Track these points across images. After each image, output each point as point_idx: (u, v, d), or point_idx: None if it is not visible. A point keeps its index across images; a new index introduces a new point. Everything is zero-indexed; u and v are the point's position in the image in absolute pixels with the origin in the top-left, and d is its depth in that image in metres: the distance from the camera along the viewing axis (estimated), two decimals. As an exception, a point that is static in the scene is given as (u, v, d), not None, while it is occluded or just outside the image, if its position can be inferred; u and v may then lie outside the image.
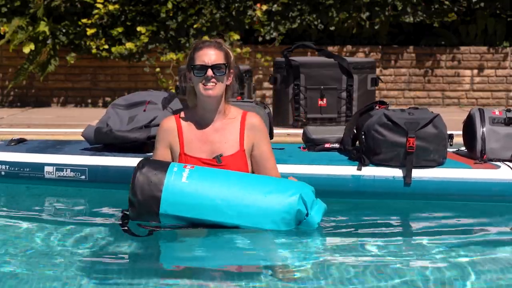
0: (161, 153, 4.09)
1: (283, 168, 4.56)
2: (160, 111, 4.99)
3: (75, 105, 10.36)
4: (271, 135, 5.06)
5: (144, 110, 5.04)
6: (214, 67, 3.99)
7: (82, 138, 5.11)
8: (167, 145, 4.09)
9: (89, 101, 10.39)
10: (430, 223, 4.44)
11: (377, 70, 9.84)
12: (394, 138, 4.57)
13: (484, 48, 10.34)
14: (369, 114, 4.78)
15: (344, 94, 7.64)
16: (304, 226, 3.82)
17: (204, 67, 3.99)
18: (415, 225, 4.47)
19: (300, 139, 5.54)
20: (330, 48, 10.10)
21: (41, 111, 9.71)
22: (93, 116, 9.03)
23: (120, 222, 3.89)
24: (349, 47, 10.31)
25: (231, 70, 4.09)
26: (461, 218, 4.55)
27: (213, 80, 3.99)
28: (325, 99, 7.65)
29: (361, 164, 4.63)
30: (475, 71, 10.34)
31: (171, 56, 9.81)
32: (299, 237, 3.81)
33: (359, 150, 4.69)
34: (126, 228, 3.83)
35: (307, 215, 3.79)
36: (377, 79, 7.81)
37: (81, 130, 7.53)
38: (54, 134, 7.16)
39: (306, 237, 3.83)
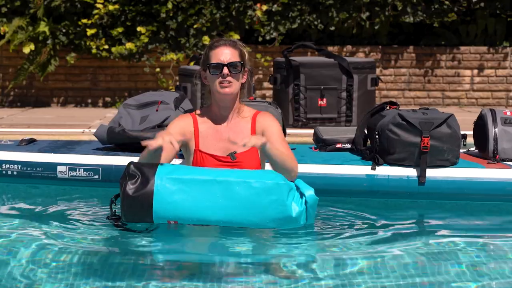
0: (173, 135, 4.01)
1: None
2: (173, 111, 5.00)
3: (75, 105, 10.36)
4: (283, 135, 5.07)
5: (157, 110, 5.05)
6: (230, 65, 4.01)
7: (92, 138, 5.12)
8: (182, 132, 4.06)
9: (89, 101, 10.39)
10: (439, 223, 4.46)
11: (377, 70, 9.85)
12: (408, 138, 4.60)
13: (484, 48, 10.34)
14: (380, 114, 4.81)
15: (344, 94, 7.64)
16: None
17: (220, 65, 4.01)
18: (425, 225, 4.48)
19: (300, 139, 5.56)
20: (330, 48, 10.11)
21: (41, 111, 9.71)
22: (93, 116, 9.03)
23: (114, 220, 3.90)
24: (349, 47, 10.31)
25: (246, 69, 4.11)
26: (471, 218, 4.58)
27: (229, 78, 4.01)
28: (325, 99, 7.65)
29: (375, 163, 4.65)
30: (475, 71, 10.34)
31: (171, 56, 9.82)
32: (301, 236, 3.81)
33: (373, 150, 4.71)
34: (120, 224, 3.85)
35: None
36: (377, 79, 7.81)
37: (81, 130, 7.55)
38: (54, 134, 7.17)
39: (311, 237, 3.83)
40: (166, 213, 3.70)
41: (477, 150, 5.11)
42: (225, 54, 4.03)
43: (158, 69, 10.04)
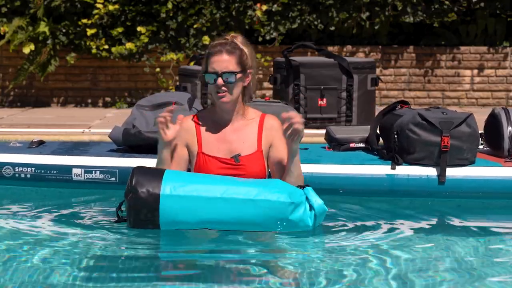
0: (178, 153, 4.05)
1: (315, 168, 4.64)
2: (187, 111, 4.94)
3: (75, 105, 10.36)
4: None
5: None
6: (224, 75, 3.96)
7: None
8: (184, 143, 4.06)
9: (89, 101, 10.39)
10: (458, 222, 4.47)
11: (377, 70, 9.84)
12: (428, 137, 4.61)
13: (484, 48, 10.34)
14: (393, 114, 4.83)
15: (344, 94, 7.64)
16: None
17: (214, 76, 3.97)
18: (444, 224, 4.49)
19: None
20: (330, 48, 10.10)
21: (41, 111, 9.71)
22: (93, 116, 9.03)
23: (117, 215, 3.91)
24: (349, 47, 10.31)
25: (249, 71, 4.07)
26: (491, 216, 4.61)
27: (224, 88, 3.97)
28: (325, 99, 7.64)
29: (395, 163, 4.66)
30: (475, 71, 10.34)
31: (171, 56, 9.81)
32: (308, 237, 3.81)
33: (391, 149, 4.71)
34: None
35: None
36: (377, 79, 7.80)
37: (81, 130, 7.55)
38: (55, 134, 7.17)
39: (314, 237, 3.84)
40: (172, 226, 3.77)
41: (487, 148, 5.12)
42: (219, 62, 3.97)
43: (158, 69, 10.04)
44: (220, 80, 3.96)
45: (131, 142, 4.92)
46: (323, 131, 5.36)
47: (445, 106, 10.27)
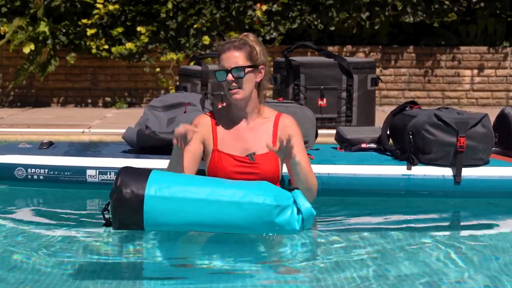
0: (194, 147, 4.01)
1: (331, 169, 4.66)
2: (201, 112, 4.91)
3: (75, 105, 10.37)
4: (316, 135, 5.06)
5: (185, 112, 4.98)
6: (233, 71, 3.97)
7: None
8: (201, 139, 4.03)
9: (89, 101, 10.39)
10: (472, 221, 4.50)
11: (377, 70, 9.85)
12: (445, 138, 4.63)
13: (484, 48, 10.34)
14: (404, 114, 4.84)
15: (344, 94, 7.63)
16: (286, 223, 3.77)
17: (224, 72, 3.97)
18: (459, 223, 4.51)
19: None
20: (330, 48, 10.11)
21: (41, 111, 9.71)
22: (93, 116, 9.04)
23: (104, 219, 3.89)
24: (349, 47, 10.31)
25: (261, 66, 4.06)
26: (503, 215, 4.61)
27: (234, 84, 3.97)
28: (325, 99, 7.64)
29: (410, 163, 4.67)
30: (475, 71, 10.35)
31: (171, 56, 9.82)
32: (303, 239, 3.81)
33: (406, 149, 4.72)
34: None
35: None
36: (377, 79, 7.80)
37: (81, 130, 7.56)
38: (55, 134, 7.17)
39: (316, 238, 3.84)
40: (157, 228, 3.71)
41: (496, 148, 5.11)
42: (228, 59, 3.98)
43: (158, 69, 10.05)
44: (230, 76, 3.96)
45: (145, 144, 4.85)
46: (324, 131, 5.35)
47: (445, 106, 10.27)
